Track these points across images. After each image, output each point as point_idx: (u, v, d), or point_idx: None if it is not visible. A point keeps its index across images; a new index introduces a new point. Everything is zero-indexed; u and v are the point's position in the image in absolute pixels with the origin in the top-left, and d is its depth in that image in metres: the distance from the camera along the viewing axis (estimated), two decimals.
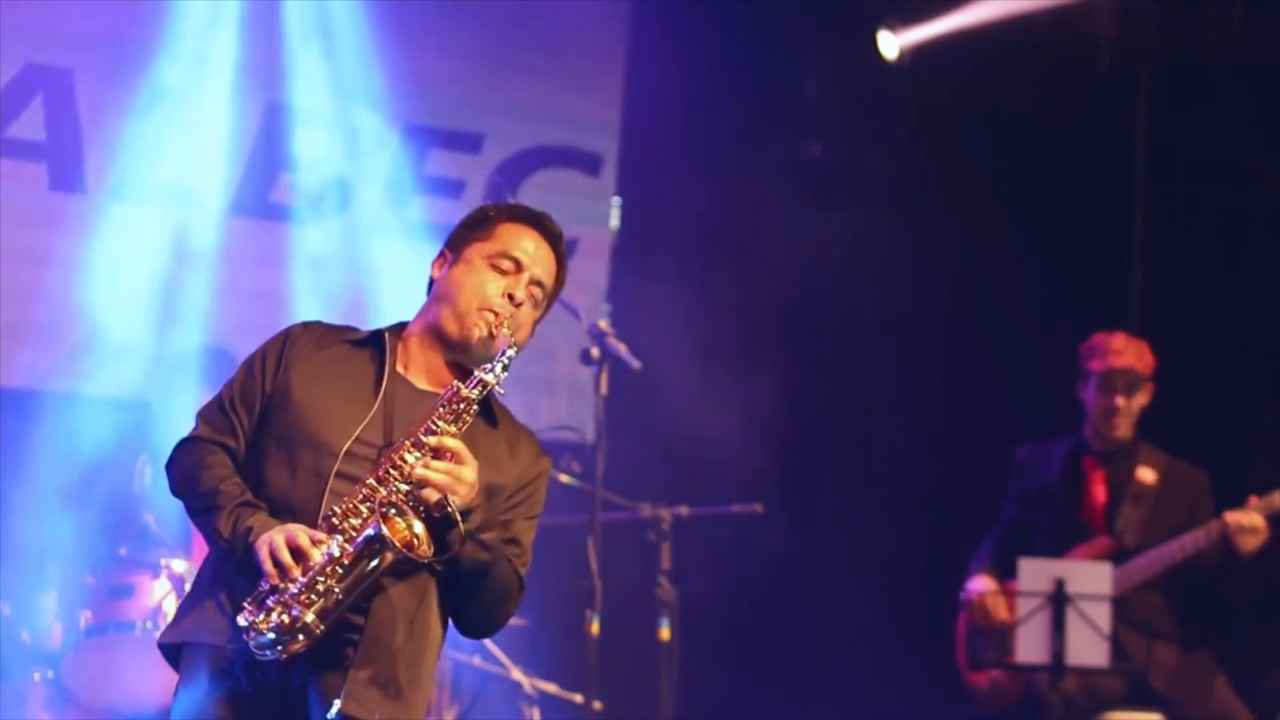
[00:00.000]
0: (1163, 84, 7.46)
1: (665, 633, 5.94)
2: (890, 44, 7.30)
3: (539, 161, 7.26)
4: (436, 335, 3.43)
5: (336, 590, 3.18)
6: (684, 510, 6.09)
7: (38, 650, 5.60)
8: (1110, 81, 7.45)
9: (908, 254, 7.33)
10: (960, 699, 6.05)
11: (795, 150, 7.74)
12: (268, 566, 3.18)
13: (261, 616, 3.18)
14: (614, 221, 7.41)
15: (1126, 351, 5.81)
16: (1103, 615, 5.39)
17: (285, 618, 3.16)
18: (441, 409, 3.29)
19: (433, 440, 3.25)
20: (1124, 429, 5.83)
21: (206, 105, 6.64)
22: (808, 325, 7.36)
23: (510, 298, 3.39)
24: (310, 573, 3.17)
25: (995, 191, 7.34)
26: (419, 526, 3.22)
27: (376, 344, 3.45)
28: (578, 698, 5.85)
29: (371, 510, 3.21)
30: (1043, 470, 5.95)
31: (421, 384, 3.42)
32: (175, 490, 3.44)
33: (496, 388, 3.32)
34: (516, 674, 6.12)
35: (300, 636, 3.18)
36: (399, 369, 3.43)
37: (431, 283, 3.50)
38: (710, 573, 6.54)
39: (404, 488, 3.23)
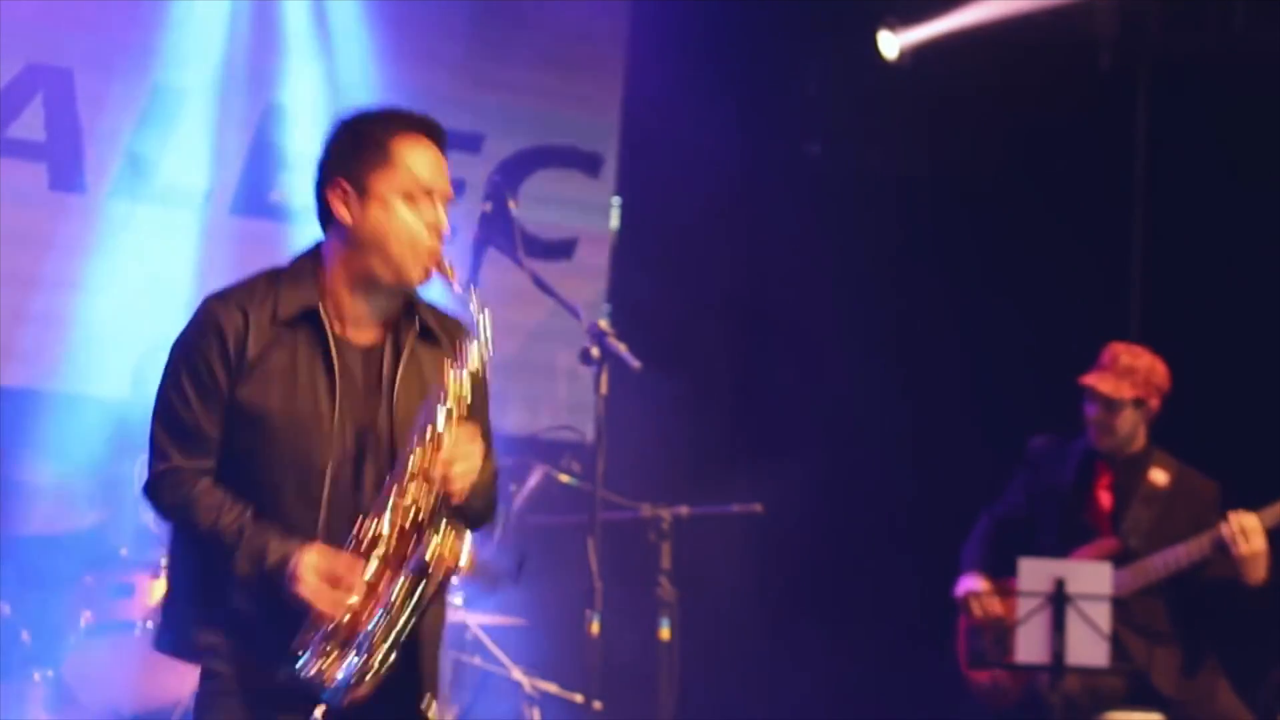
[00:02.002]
0: (1163, 84, 7.46)
1: (665, 633, 5.92)
2: (890, 44, 7.30)
3: (539, 161, 7.26)
4: (368, 283, 3.31)
5: (398, 623, 3.14)
6: (684, 510, 6.08)
7: (38, 650, 5.59)
8: (1110, 81, 7.44)
9: (907, 253, 7.33)
10: (960, 697, 6.04)
11: (795, 150, 7.74)
12: (322, 611, 3.14)
13: (328, 661, 3.13)
14: (614, 221, 7.41)
15: (1108, 372, 5.79)
16: (1103, 615, 5.38)
17: (354, 659, 3.13)
18: (441, 405, 3.22)
19: (448, 443, 3.21)
20: (1100, 441, 5.82)
21: (206, 105, 6.65)
22: (807, 324, 7.36)
23: (437, 230, 3.31)
24: (368, 608, 3.13)
25: (995, 191, 7.34)
26: (458, 536, 3.17)
27: (312, 322, 3.30)
28: (578, 698, 5.84)
29: (406, 530, 3.17)
30: (1055, 467, 5.93)
31: (363, 339, 3.33)
32: (164, 519, 3.37)
33: (487, 352, 3.29)
34: (516, 674, 6.12)
35: (369, 677, 3.14)
36: (337, 333, 3.31)
37: (336, 223, 3.31)
38: (710, 573, 6.53)
39: (430, 499, 3.19)
